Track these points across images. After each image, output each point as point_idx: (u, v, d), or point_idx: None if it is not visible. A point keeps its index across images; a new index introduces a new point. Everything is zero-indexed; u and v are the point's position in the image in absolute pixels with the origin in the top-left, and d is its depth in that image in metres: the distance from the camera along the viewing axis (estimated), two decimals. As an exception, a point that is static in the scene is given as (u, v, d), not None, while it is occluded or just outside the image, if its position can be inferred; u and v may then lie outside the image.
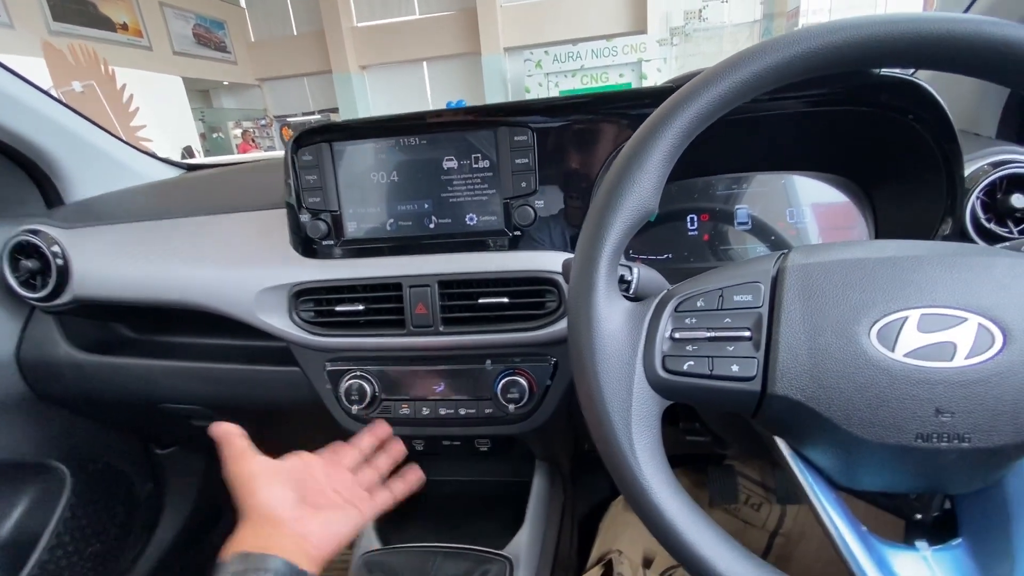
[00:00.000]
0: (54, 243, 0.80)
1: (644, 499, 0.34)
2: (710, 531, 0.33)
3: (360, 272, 0.66)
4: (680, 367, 0.35)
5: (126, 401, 0.84)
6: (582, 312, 0.36)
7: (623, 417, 0.35)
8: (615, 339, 0.36)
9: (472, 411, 0.67)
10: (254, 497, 0.51)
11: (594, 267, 0.36)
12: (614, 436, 0.34)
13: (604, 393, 0.35)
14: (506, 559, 0.63)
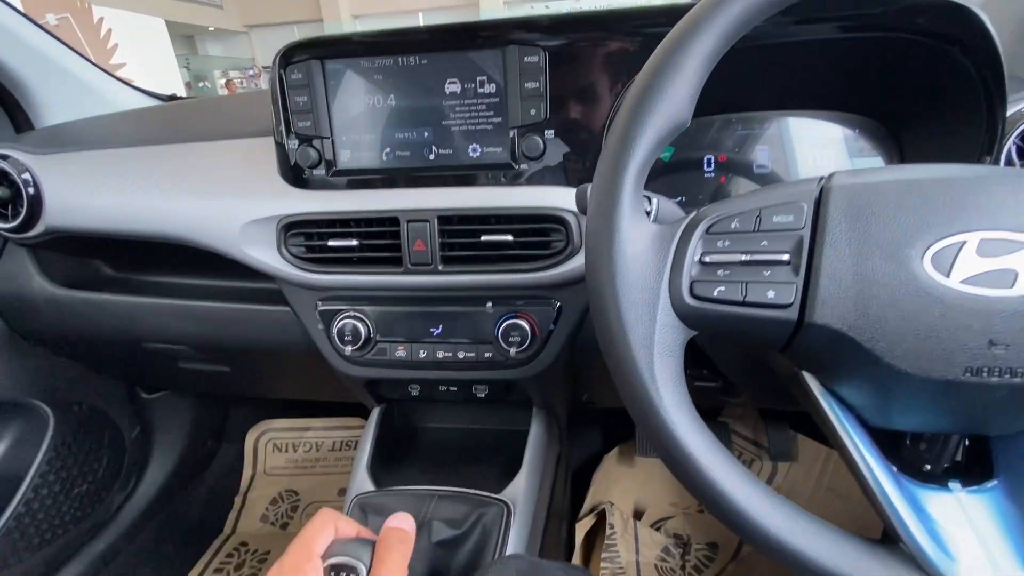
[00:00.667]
0: (25, 170, 0.74)
1: (665, 433, 0.31)
2: (733, 467, 0.31)
3: (354, 205, 0.62)
4: (709, 293, 0.32)
5: (106, 340, 0.81)
6: (603, 232, 0.33)
7: (645, 346, 0.32)
8: (639, 262, 0.32)
9: (471, 355, 0.64)
10: None
11: (619, 182, 0.33)
12: (634, 366, 0.32)
13: (625, 320, 0.32)
14: (503, 503, 0.61)
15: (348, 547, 0.38)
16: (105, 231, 0.72)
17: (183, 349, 0.80)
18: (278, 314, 0.71)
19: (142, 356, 0.85)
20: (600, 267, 0.33)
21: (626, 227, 0.32)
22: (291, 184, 0.64)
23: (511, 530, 0.60)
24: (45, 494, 0.89)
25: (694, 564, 1.03)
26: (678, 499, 1.13)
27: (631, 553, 1.04)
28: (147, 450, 1.14)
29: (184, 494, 1.20)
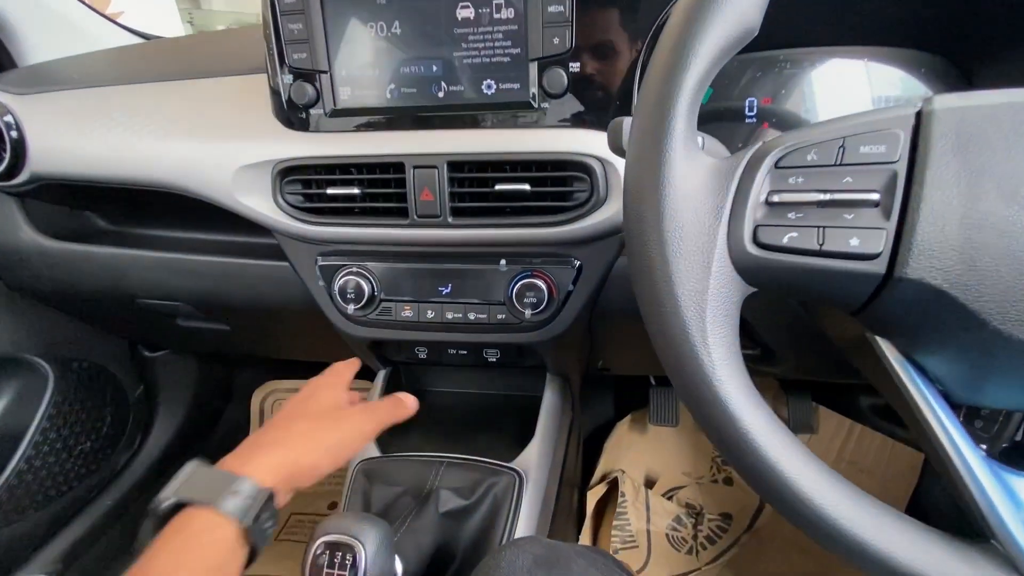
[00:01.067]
0: (6, 112, 0.68)
1: (718, 409, 0.26)
2: (798, 451, 0.26)
3: (355, 148, 0.56)
4: (777, 240, 0.26)
5: (101, 294, 0.77)
6: (650, 164, 0.27)
7: (696, 305, 0.26)
8: (693, 202, 0.27)
9: (483, 316, 0.60)
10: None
11: (672, 101, 0.27)
12: (682, 328, 0.26)
13: (674, 272, 0.26)
14: (515, 472, 0.58)
15: (344, 524, 0.34)
16: (92, 178, 0.67)
17: (180, 306, 0.76)
18: (277, 270, 0.66)
19: (139, 312, 0.81)
20: (644, 208, 0.27)
21: (678, 159, 0.27)
22: (286, 125, 0.58)
23: (523, 501, 0.56)
24: (47, 451, 0.88)
25: (706, 534, 1.01)
26: (691, 468, 1.10)
27: (642, 522, 1.02)
28: (152, 409, 1.12)
29: (191, 453, 1.19)
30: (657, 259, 0.27)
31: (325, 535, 0.34)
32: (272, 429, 0.41)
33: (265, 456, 0.37)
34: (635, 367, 0.98)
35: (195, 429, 1.19)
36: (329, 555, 0.33)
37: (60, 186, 0.71)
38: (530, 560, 0.36)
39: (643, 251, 0.27)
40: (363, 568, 0.33)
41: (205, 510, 0.33)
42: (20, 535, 0.87)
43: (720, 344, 0.26)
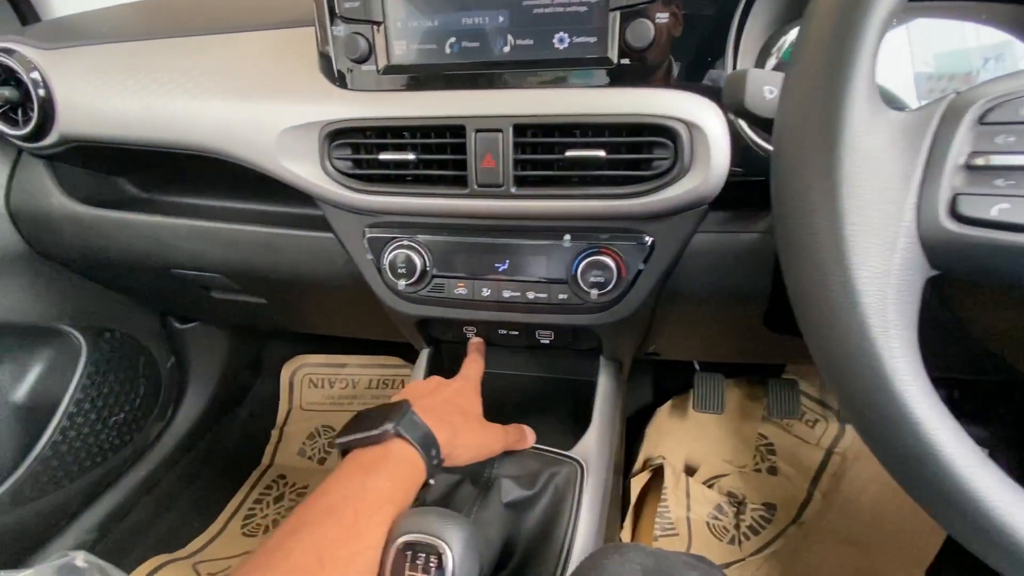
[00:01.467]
0: (33, 68, 0.65)
1: (900, 416, 0.22)
2: (997, 476, 0.22)
3: (411, 109, 0.51)
4: (982, 212, 0.21)
5: (133, 264, 0.74)
6: (824, 115, 0.22)
7: (877, 287, 0.22)
8: (876, 164, 0.22)
9: (543, 296, 0.55)
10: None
11: (858, 35, 0.21)
12: (859, 319, 0.22)
13: (851, 248, 0.22)
14: (576, 462, 0.54)
15: (427, 522, 0.31)
16: (125, 140, 0.63)
17: (216, 277, 0.73)
18: (322, 241, 0.62)
19: (172, 283, 0.79)
20: (810, 170, 0.22)
21: (861, 110, 0.21)
22: (335, 84, 0.53)
23: (585, 491, 0.53)
24: (81, 422, 0.87)
25: (749, 524, 0.98)
26: (733, 457, 1.06)
27: (682, 509, 0.99)
28: (183, 381, 1.11)
29: (221, 425, 1.18)
30: (827, 233, 0.22)
31: (406, 534, 0.31)
32: (438, 413, 0.46)
33: (437, 428, 0.43)
34: (688, 353, 0.93)
35: (225, 402, 1.19)
36: (411, 556, 0.30)
37: (91, 149, 0.67)
38: (638, 570, 0.33)
39: (807, 223, 0.22)
40: (451, 572, 0.30)
41: (406, 444, 0.41)
42: (56, 505, 0.87)
43: (903, 339, 0.22)
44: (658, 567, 0.34)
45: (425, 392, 0.50)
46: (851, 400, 0.23)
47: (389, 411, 0.42)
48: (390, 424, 0.40)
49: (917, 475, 0.22)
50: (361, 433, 0.40)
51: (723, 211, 0.54)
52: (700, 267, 0.55)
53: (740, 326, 0.68)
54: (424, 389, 0.51)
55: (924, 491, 0.22)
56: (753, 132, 0.47)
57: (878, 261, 0.22)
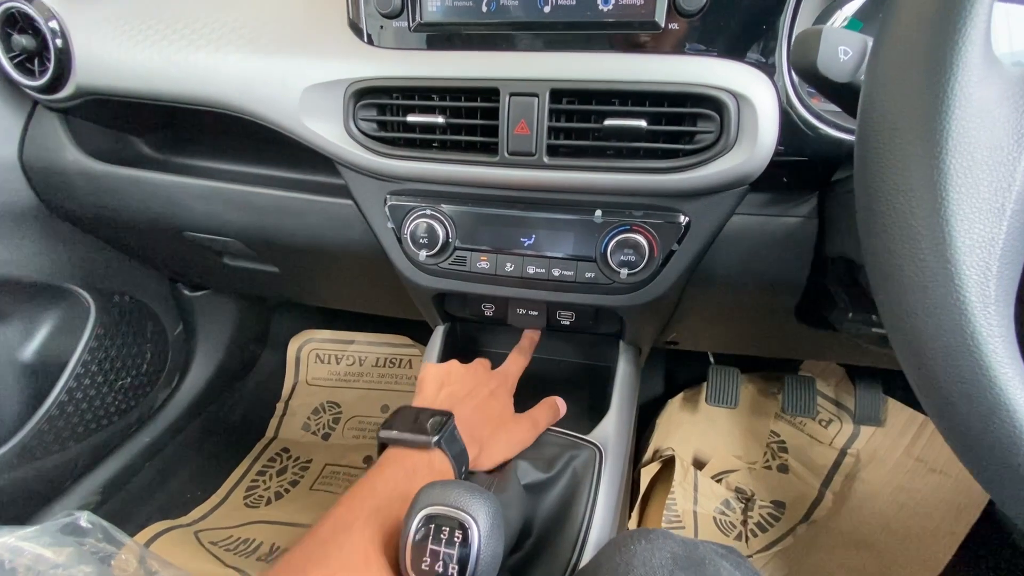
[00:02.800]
0: (52, 17, 0.62)
1: (1003, 416, 0.19)
2: None
3: (443, 69, 0.49)
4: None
5: (146, 224, 0.72)
6: (934, 62, 0.19)
7: (982, 259, 0.19)
8: (990, 119, 0.19)
9: (569, 274, 0.53)
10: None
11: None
12: (957, 290, 0.19)
13: (955, 211, 0.19)
14: (595, 446, 0.52)
15: (452, 495, 0.29)
16: (143, 93, 0.61)
17: (230, 242, 0.71)
18: (340, 207, 0.60)
19: (185, 247, 0.77)
20: (910, 122, 0.20)
21: (976, 57, 0.19)
22: (363, 40, 0.51)
23: (603, 475, 0.51)
24: (88, 384, 0.86)
25: (757, 521, 0.96)
26: (743, 453, 1.04)
27: (689, 503, 0.97)
28: (190, 348, 1.10)
29: (226, 396, 1.18)
30: (924, 192, 0.20)
31: (428, 507, 0.29)
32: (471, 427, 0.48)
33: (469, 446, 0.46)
34: (707, 343, 0.91)
35: (231, 373, 1.18)
36: (434, 530, 0.28)
37: (107, 104, 0.65)
38: (668, 558, 0.31)
39: (901, 181, 0.20)
40: (476, 548, 0.28)
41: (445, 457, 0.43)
42: (60, 466, 0.86)
43: (1003, 318, 0.20)
44: (689, 555, 0.32)
45: (463, 394, 0.52)
46: (936, 383, 0.21)
47: (433, 419, 0.44)
48: (435, 436, 0.42)
49: (1008, 470, 0.20)
50: (408, 434, 0.43)
51: (763, 192, 0.51)
52: (734, 251, 0.53)
53: (767, 317, 0.65)
54: (461, 391, 0.52)
55: (1015, 493, 0.20)
56: (803, 108, 0.45)
57: (984, 228, 0.19)
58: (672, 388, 1.10)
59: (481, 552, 0.28)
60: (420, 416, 0.45)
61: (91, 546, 0.57)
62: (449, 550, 0.28)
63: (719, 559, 0.33)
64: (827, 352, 0.84)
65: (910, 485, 0.94)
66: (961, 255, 0.19)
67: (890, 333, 0.22)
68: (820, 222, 0.50)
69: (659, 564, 0.31)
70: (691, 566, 0.31)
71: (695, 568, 0.31)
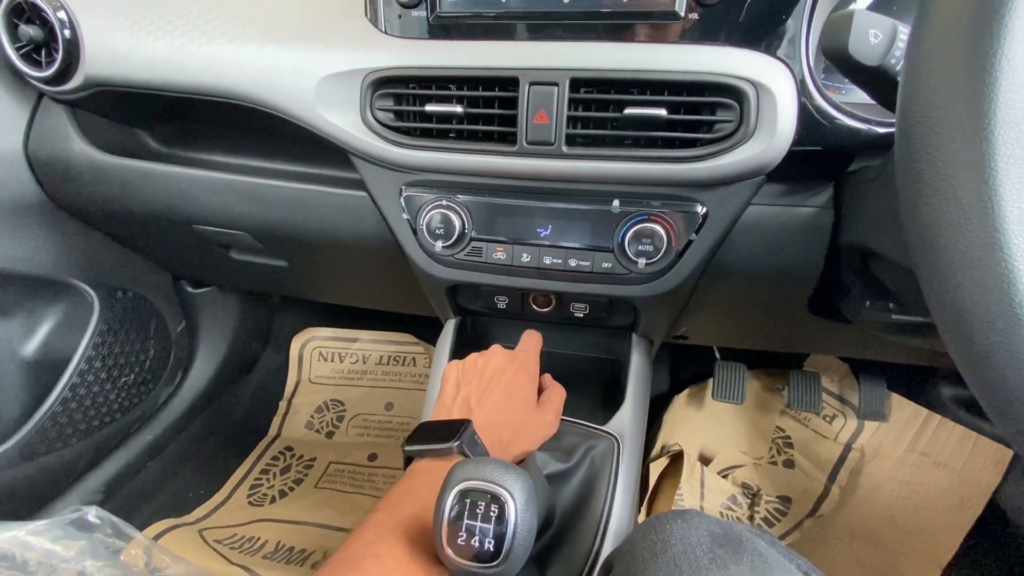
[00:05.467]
0: (60, 7, 0.62)
1: None
2: None
3: (462, 59, 0.49)
4: None
5: (154, 217, 0.72)
6: (979, 27, 0.20)
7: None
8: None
9: (586, 264, 0.53)
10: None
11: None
12: (1007, 264, 0.20)
13: (1000, 181, 0.19)
14: (613, 436, 0.52)
15: (488, 471, 0.29)
16: (153, 84, 0.60)
17: (238, 235, 0.70)
18: (353, 199, 0.60)
19: (192, 241, 0.76)
20: (953, 92, 0.20)
21: (1021, 36, 0.19)
22: (381, 29, 0.51)
23: (621, 467, 0.51)
24: (91, 380, 0.85)
25: (763, 516, 0.96)
26: (748, 448, 1.05)
27: (695, 498, 0.97)
28: (193, 346, 1.09)
29: (229, 394, 1.17)
30: (971, 164, 0.20)
31: (464, 481, 0.29)
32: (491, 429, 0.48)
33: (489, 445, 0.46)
34: (717, 337, 0.91)
35: (233, 370, 1.17)
36: (470, 505, 0.28)
37: (115, 95, 0.65)
38: (707, 537, 0.31)
39: (946, 152, 0.20)
40: (513, 522, 0.28)
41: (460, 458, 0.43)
42: (63, 463, 0.85)
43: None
44: (726, 533, 0.32)
45: (479, 393, 0.52)
46: (985, 360, 0.21)
47: (452, 427, 0.45)
48: (456, 442, 0.43)
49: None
50: (431, 445, 0.44)
51: (778, 183, 0.52)
52: (750, 241, 0.53)
53: (778, 309, 0.66)
54: (478, 388, 0.52)
55: None
56: (821, 98, 0.45)
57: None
58: (678, 384, 1.11)
59: (518, 526, 0.28)
60: (439, 427, 0.47)
61: (100, 540, 0.57)
62: (485, 524, 0.28)
63: (755, 538, 0.33)
64: (834, 345, 0.84)
65: (915, 479, 0.94)
66: (1010, 225, 0.20)
67: (935, 311, 0.23)
68: (836, 212, 0.50)
69: (697, 542, 0.31)
70: (729, 543, 0.31)
71: (733, 545, 0.31)
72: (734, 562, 0.30)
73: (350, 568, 0.33)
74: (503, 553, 0.28)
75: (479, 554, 0.28)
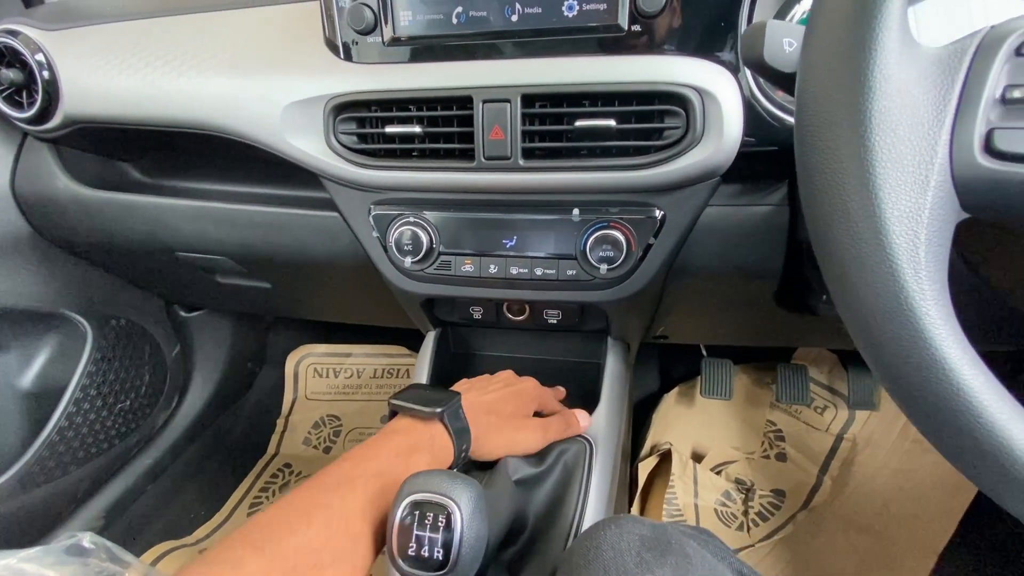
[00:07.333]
0: (38, 50, 0.64)
1: (935, 368, 0.21)
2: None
3: (417, 81, 0.50)
4: (1020, 146, 0.21)
5: (138, 247, 0.74)
6: (853, 45, 0.21)
7: (910, 230, 0.21)
8: (909, 97, 0.21)
9: (551, 272, 0.55)
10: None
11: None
12: (890, 262, 0.21)
13: (881, 185, 0.21)
14: (585, 440, 0.53)
15: (435, 482, 0.30)
16: (129, 119, 0.62)
17: (221, 260, 0.72)
18: (326, 220, 0.62)
19: (177, 268, 0.78)
20: (836, 104, 0.21)
21: (893, 40, 0.21)
22: (340, 57, 0.53)
23: (594, 468, 0.52)
24: (87, 408, 0.86)
25: (757, 511, 0.97)
26: (740, 443, 1.05)
27: (689, 496, 0.98)
28: (188, 369, 1.11)
29: (227, 414, 1.18)
30: (855, 171, 0.21)
31: (414, 494, 0.30)
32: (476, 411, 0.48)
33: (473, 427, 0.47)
34: (697, 335, 0.92)
35: (230, 391, 1.18)
36: (419, 516, 0.30)
37: (95, 132, 0.67)
38: (636, 542, 0.32)
39: (833, 159, 0.22)
40: (459, 531, 0.29)
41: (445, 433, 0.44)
42: (63, 491, 0.87)
43: (934, 282, 0.21)
44: (656, 536, 0.33)
45: (478, 387, 0.54)
46: (877, 347, 0.22)
47: (441, 396, 0.46)
48: (439, 409, 0.43)
49: (946, 424, 0.21)
50: (416, 405, 0.44)
51: (735, 183, 0.53)
52: (711, 241, 0.54)
53: (751, 305, 0.67)
54: (482, 388, 0.54)
55: (953, 442, 0.21)
56: (767, 100, 0.46)
57: (910, 200, 0.21)
58: (667, 383, 1.11)
59: (464, 534, 0.29)
60: (430, 392, 0.47)
61: (95, 566, 0.58)
62: (433, 535, 0.29)
63: (686, 539, 0.34)
64: (813, 337, 0.85)
65: (906, 467, 0.94)
66: (891, 225, 0.21)
67: (838, 308, 0.24)
68: (792, 209, 0.51)
69: (627, 547, 0.32)
70: (657, 546, 0.32)
71: (660, 548, 0.32)
72: (659, 565, 0.31)
73: (300, 515, 0.34)
74: (451, 561, 0.29)
75: (428, 563, 0.29)
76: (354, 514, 0.35)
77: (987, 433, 0.20)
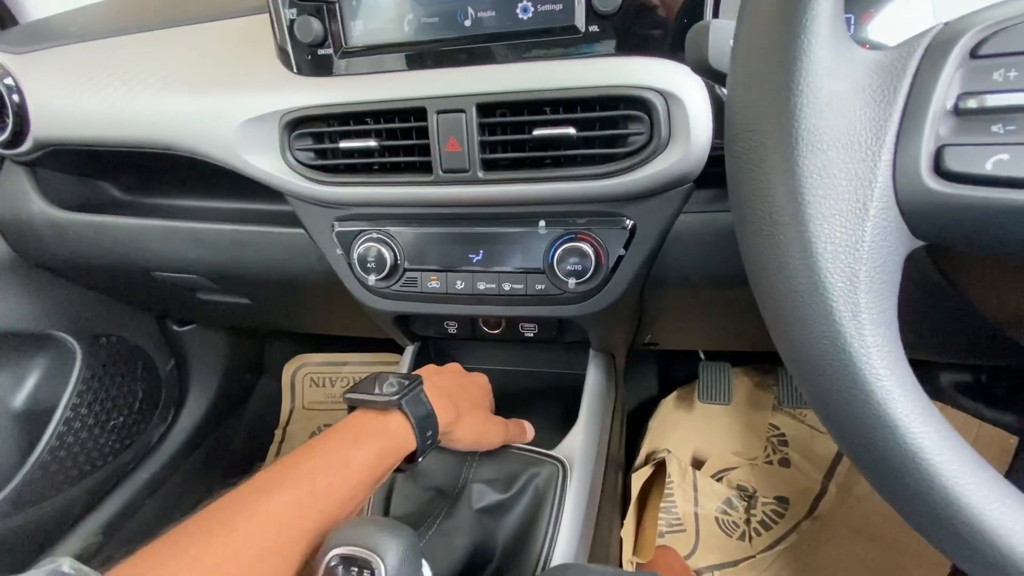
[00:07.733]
0: (7, 74, 0.64)
1: (882, 428, 0.18)
2: (991, 479, 0.18)
3: (370, 93, 0.48)
4: (975, 166, 0.18)
5: (115, 268, 0.73)
6: (778, 53, 0.18)
7: (847, 267, 0.18)
8: (844, 110, 0.18)
9: (519, 287, 0.52)
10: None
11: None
12: (824, 303, 0.18)
13: (812, 216, 0.18)
14: (558, 462, 0.51)
15: (362, 533, 0.28)
16: (92, 141, 0.61)
17: (194, 278, 0.71)
18: (294, 237, 0.60)
19: (159, 286, 0.78)
20: (764, 122, 0.19)
21: (823, 47, 0.18)
22: (293, 71, 0.51)
23: (568, 493, 0.50)
24: (79, 427, 0.87)
25: (760, 519, 0.93)
26: (742, 449, 1.02)
27: (689, 504, 0.95)
28: (184, 383, 1.11)
29: (224, 426, 1.18)
30: (784, 198, 0.18)
31: (339, 546, 0.28)
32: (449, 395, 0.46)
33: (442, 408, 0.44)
34: (688, 342, 0.89)
35: (227, 403, 1.18)
36: (344, 569, 0.28)
37: (68, 153, 0.66)
38: None
39: (761, 186, 0.19)
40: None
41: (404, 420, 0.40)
42: (59, 509, 0.88)
43: (876, 325, 0.18)
44: None
45: (443, 374, 0.52)
46: (819, 400, 0.19)
47: (401, 381, 0.42)
48: (396, 397, 0.40)
49: (899, 485, 0.19)
50: (370, 396, 0.41)
51: (711, 188, 0.50)
52: (687, 250, 0.51)
53: (738, 312, 0.63)
54: (445, 378, 0.51)
55: (910, 505, 0.19)
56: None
57: (845, 232, 0.18)
58: (666, 388, 1.08)
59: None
60: (386, 378, 0.43)
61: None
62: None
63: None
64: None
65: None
66: (824, 262, 0.18)
67: (776, 344, 0.21)
68: (771, 214, 0.48)
69: None
70: None
71: None
72: None
73: (223, 519, 0.31)
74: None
75: (354, 618, 0.28)
76: (264, 533, 0.31)
77: (942, 500, 0.18)
